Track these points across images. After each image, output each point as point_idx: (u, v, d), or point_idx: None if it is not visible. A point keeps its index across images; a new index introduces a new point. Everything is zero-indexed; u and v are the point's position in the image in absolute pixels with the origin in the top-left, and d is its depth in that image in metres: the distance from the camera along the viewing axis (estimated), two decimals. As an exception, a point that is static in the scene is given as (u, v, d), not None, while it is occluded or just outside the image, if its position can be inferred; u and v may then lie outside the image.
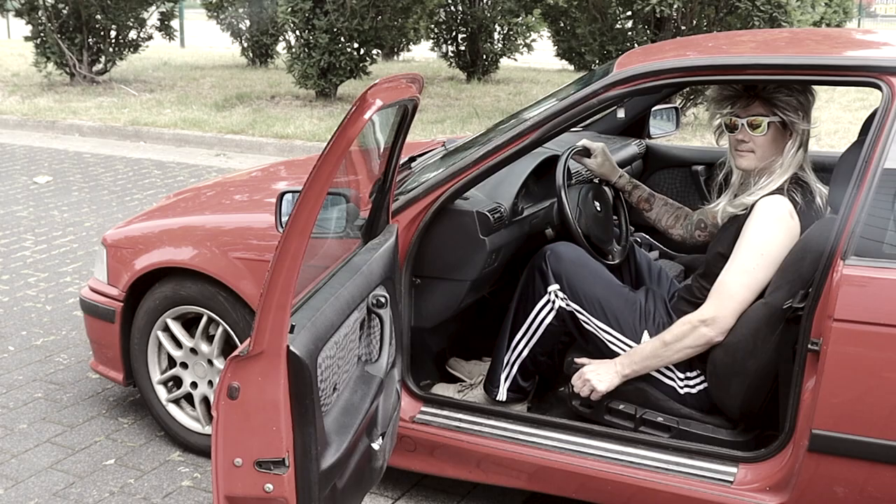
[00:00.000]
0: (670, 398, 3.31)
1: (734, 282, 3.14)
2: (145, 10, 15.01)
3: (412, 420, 3.46)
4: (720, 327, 3.14)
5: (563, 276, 3.45)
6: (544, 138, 3.30)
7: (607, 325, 3.40)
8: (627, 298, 3.46)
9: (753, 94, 3.25)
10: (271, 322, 2.36)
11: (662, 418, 3.28)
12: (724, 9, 10.68)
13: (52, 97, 13.88)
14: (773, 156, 3.26)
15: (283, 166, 5.05)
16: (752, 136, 3.25)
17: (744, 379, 3.12)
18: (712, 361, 3.21)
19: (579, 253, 3.55)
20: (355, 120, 2.36)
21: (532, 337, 3.54)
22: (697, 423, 3.27)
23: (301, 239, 2.33)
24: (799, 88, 3.23)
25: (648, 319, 3.41)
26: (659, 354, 3.25)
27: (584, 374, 3.35)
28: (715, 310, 3.15)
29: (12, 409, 4.34)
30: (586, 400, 3.37)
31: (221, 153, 10.87)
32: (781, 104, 3.21)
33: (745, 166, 3.31)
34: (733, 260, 3.17)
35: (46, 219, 7.74)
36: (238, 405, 2.43)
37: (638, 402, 3.33)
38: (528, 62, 18.67)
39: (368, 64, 13.34)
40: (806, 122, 3.25)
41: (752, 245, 3.14)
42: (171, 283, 3.84)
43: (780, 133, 3.25)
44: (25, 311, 5.59)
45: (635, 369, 3.30)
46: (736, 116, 3.28)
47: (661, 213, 3.94)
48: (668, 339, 3.23)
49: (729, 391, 3.18)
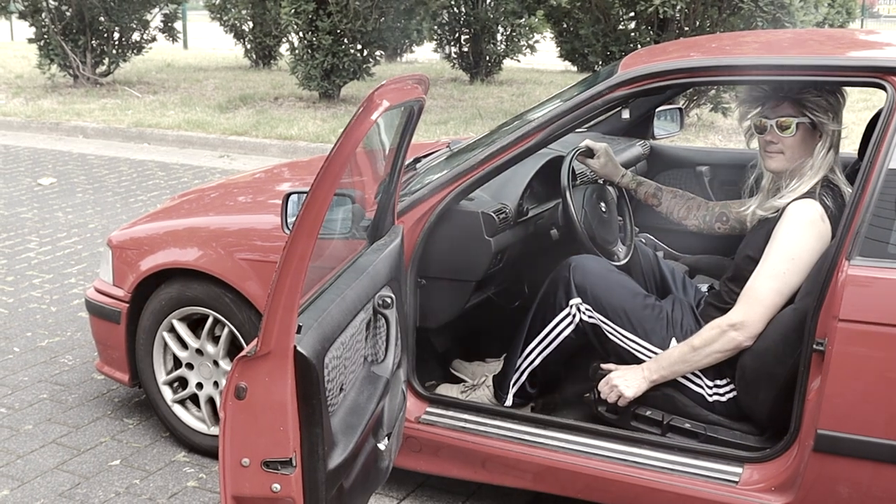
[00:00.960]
0: (698, 405, 3.28)
1: (764, 286, 3.11)
2: (148, 12, 15.04)
3: (418, 420, 3.47)
4: (749, 332, 3.11)
5: (588, 288, 3.42)
6: (549, 139, 3.31)
7: (634, 335, 3.38)
8: (654, 308, 3.43)
9: (782, 95, 3.23)
10: (278, 322, 2.37)
11: (690, 424, 3.26)
12: (728, 9, 10.68)
13: (56, 99, 13.90)
14: (802, 157, 3.23)
15: (287, 168, 5.06)
16: (781, 137, 3.23)
17: (772, 385, 3.09)
18: (741, 367, 3.17)
19: (603, 264, 3.53)
20: (362, 121, 2.36)
21: (547, 347, 3.53)
22: (725, 430, 3.24)
23: (308, 240, 2.34)
24: (828, 89, 3.20)
25: (676, 327, 3.38)
26: (687, 359, 3.22)
27: (611, 380, 3.33)
28: (744, 314, 3.12)
29: (18, 410, 4.35)
30: (613, 406, 3.34)
31: (225, 154, 10.88)
32: (811, 105, 3.19)
33: (774, 168, 3.29)
34: (763, 264, 3.14)
35: (51, 220, 7.75)
36: (245, 405, 2.44)
37: (665, 408, 3.30)
38: (532, 63, 18.66)
39: (372, 65, 13.37)
40: (836, 124, 3.22)
41: (783, 249, 3.10)
42: (176, 284, 3.85)
43: (810, 134, 3.22)
44: (30, 313, 5.60)
45: (663, 374, 3.27)
46: (765, 118, 3.27)
47: (672, 206, 3.91)
48: (697, 343, 3.20)
49: (758, 397, 3.16)
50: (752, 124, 3.35)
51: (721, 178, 4.73)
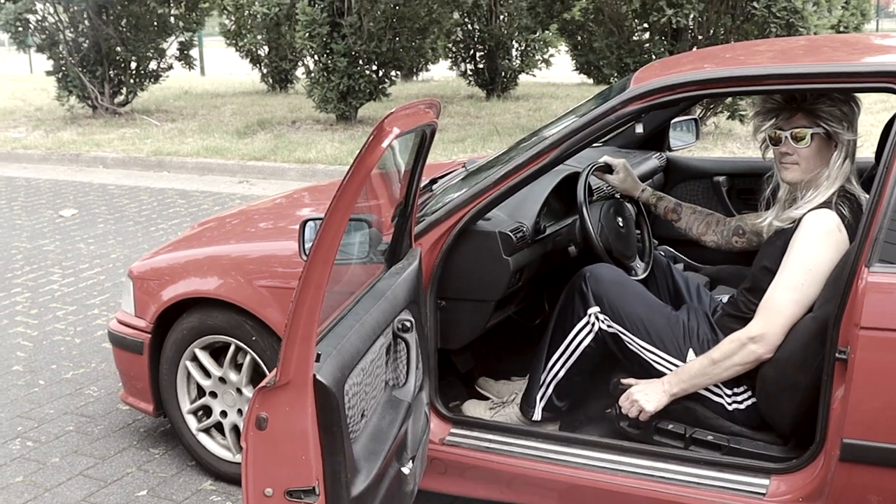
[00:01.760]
0: (719, 416, 3.26)
1: (782, 298, 3.09)
2: (164, 41, 15.14)
3: (442, 442, 3.46)
4: (769, 344, 3.09)
5: (603, 297, 3.42)
6: (564, 156, 3.30)
7: (651, 345, 3.37)
8: (670, 317, 3.42)
9: (796, 105, 3.22)
10: (297, 352, 2.37)
11: (713, 437, 3.24)
12: (741, 17, 10.66)
13: (76, 130, 14.00)
14: (818, 168, 3.21)
15: (307, 192, 5.07)
16: (797, 149, 3.21)
17: (795, 394, 3.07)
18: (762, 378, 3.16)
19: (619, 274, 3.53)
20: (373, 149, 2.37)
21: (570, 358, 3.52)
22: (748, 441, 3.22)
23: (324, 268, 2.34)
24: (842, 98, 3.18)
25: (692, 337, 3.37)
26: (707, 372, 3.20)
27: (631, 395, 3.31)
28: (763, 326, 3.10)
29: (44, 443, 4.37)
30: (635, 421, 3.33)
31: (244, 180, 10.92)
32: (825, 115, 3.17)
33: (790, 179, 3.27)
34: (781, 275, 3.12)
35: (73, 252, 7.79)
36: (267, 435, 2.44)
37: (687, 421, 3.29)
38: (547, 77, 18.69)
39: (388, 86, 13.41)
40: (851, 133, 3.20)
41: (800, 260, 3.09)
42: (198, 313, 3.86)
43: (825, 144, 3.20)
44: (55, 345, 5.63)
45: (683, 388, 3.25)
46: (779, 129, 3.25)
47: (691, 222, 3.91)
48: (717, 356, 3.18)
49: (780, 407, 3.14)
50: (766, 136, 3.34)
51: (739, 187, 4.71)
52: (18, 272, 7.23)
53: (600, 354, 3.51)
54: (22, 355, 5.48)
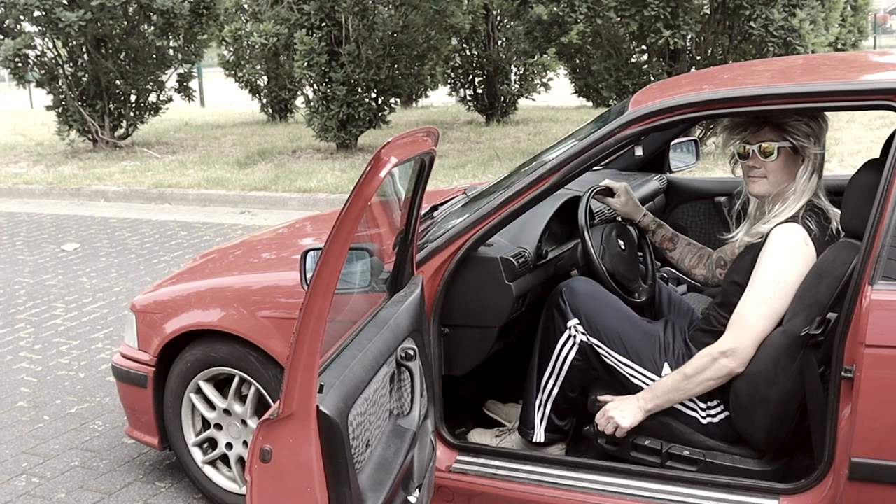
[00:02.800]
0: (694, 430, 3.29)
1: (752, 312, 3.12)
2: (164, 73, 15.18)
3: (448, 470, 3.45)
4: (740, 358, 3.12)
5: (580, 310, 3.45)
6: (564, 180, 3.30)
7: (627, 359, 3.40)
8: (646, 331, 3.45)
9: (763, 120, 3.25)
10: (299, 383, 2.36)
11: (688, 451, 3.26)
12: (738, 37, 10.69)
13: (77, 164, 14.02)
14: (785, 182, 3.25)
15: (309, 222, 5.07)
16: (764, 162, 3.25)
17: (767, 408, 3.09)
18: (734, 392, 3.18)
19: (595, 287, 3.54)
20: (371, 179, 2.37)
21: (559, 375, 3.53)
22: (724, 455, 3.24)
23: (324, 299, 2.34)
24: (809, 114, 3.22)
25: (668, 351, 3.39)
26: (680, 388, 3.23)
27: (607, 412, 3.34)
28: (734, 341, 3.13)
29: (50, 479, 4.35)
30: (612, 437, 3.35)
31: (246, 210, 10.94)
32: (791, 129, 3.21)
33: (757, 192, 3.31)
34: (750, 290, 3.15)
35: (76, 286, 7.79)
36: (271, 468, 2.43)
37: (663, 436, 3.31)
38: (547, 101, 18.74)
39: (387, 113, 13.43)
40: (818, 147, 3.24)
41: (768, 274, 3.12)
42: (201, 345, 3.85)
43: (792, 158, 3.24)
44: (59, 380, 5.62)
45: (658, 403, 3.27)
46: (747, 143, 3.29)
47: (685, 254, 3.94)
48: (689, 371, 3.20)
49: (753, 421, 3.15)
50: (734, 151, 3.37)
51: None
52: (21, 307, 7.23)
53: (590, 368, 3.53)
54: (26, 391, 5.47)
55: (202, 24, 14.79)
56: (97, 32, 14.10)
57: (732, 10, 10.38)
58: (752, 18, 10.19)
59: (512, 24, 15.77)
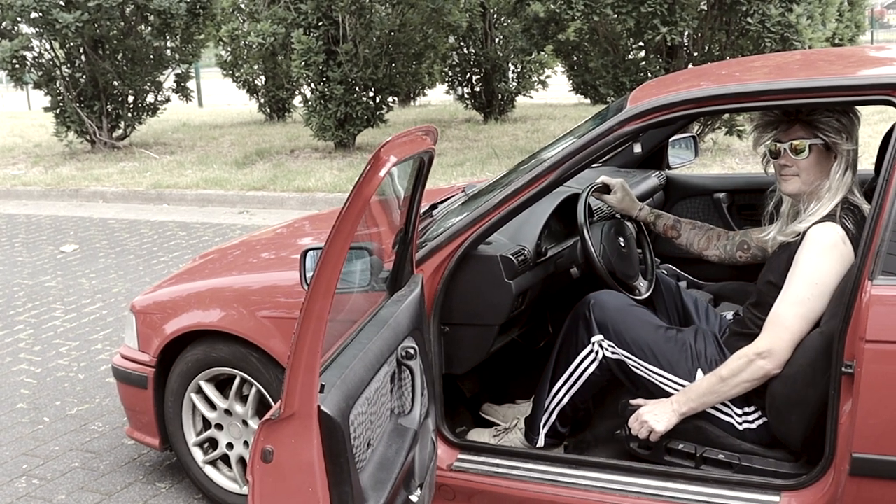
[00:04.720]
0: (730, 434, 3.24)
1: (789, 313, 3.07)
2: (161, 74, 15.17)
3: (450, 468, 3.45)
4: (777, 360, 3.07)
5: (608, 324, 3.42)
6: (562, 178, 3.30)
7: (660, 368, 3.35)
8: (676, 340, 3.40)
9: (794, 117, 3.22)
10: (300, 383, 2.36)
11: (724, 455, 3.21)
12: (735, 33, 10.69)
13: (75, 165, 14.02)
14: (818, 179, 3.21)
15: (308, 221, 5.06)
16: (796, 160, 3.21)
17: (804, 410, 3.04)
18: (771, 394, 3.13)
19: (623, 300, 3.52)
20: (370, 178, 2.37)
21: (574, 385, 3.51)
22: (760, 458, 3.20)
23: (325, 299, 2.34)
24: (839, 109, 3.18)
25: (700, 358, 3.34)
26: (716, 390, 3.18)
27: (641, 416, 3.29)
28: (770, 342, 3.08)
29: (50, 481, 4.35)
30: (645, 441, 3.31)
31: (244, 210, 10.93)
32: (822, 126, 3.17)
33: (790, 191, 3.27)
34: (787, 290, 3.10)
35: (75, 287, 7.79)
36: (273, 468, 2.43)
37: (697, 440, 3.26)
38: (544, 98, 18.73)
39: (385, 112, 13.43)
40: (850, 143, 3.19)
41: (806, 275, 3.07)
42: (201, 345, 3.85)
43: (824, 155, 3.20)
44: (59, 381, 5.62)
45: (692, 407, 3.23)
46: (778, 141, 3.26)
47: (692, 238, 3.91)
48: (725, 373, 3.16)
49: (790, 424, 3.11)
50: (766, 149, 3.34)
51: (740, 203, 4.71)
52: (21, 309, 7.23)
53: (605, 381, 3.52)
54: (26, 392, 5.47)
55: (199, 24, 14.79)
56: (94, 33, 14.11)
57: (729, 6, 10.36)
58: (749, 14, 10.18)
59: (509, 21, 15.75)
